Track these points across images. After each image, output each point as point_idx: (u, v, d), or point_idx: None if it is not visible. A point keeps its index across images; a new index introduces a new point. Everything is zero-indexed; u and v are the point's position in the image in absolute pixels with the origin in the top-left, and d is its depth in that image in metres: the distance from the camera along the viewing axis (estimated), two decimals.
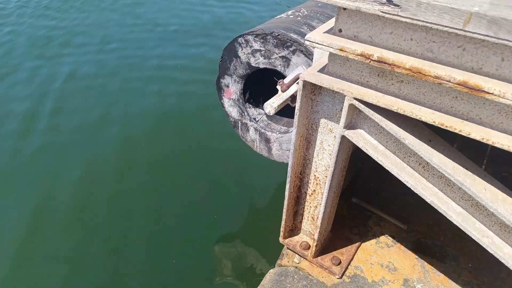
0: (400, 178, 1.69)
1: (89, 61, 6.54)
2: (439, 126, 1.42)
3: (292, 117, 1.93)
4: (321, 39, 1.52)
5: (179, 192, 4.24)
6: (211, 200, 4.17)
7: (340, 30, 1.52)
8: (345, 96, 1.63)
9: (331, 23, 1.63)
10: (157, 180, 4.38)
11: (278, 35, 2.39)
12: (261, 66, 2.60)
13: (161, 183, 4.35)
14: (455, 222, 1.60)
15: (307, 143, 2.04)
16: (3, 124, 5.05)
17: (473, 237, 1.57)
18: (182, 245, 3.72)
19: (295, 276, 2.34)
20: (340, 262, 2.35)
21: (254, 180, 4.44)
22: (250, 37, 2.52)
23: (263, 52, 2.53)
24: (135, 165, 4.57)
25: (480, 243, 1.56)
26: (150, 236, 3.78)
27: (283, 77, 2.49)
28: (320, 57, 1.93)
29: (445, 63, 1.35)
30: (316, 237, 2.26)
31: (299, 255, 2.44)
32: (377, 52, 1.42)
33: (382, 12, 1.32)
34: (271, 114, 2.30)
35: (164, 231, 3.85)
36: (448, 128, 1.40)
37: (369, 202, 2.80)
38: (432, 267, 2.38)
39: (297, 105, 1.80)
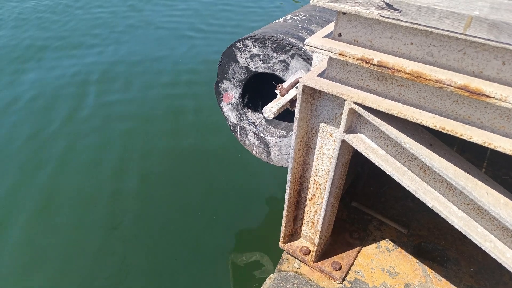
0: (401, 183, 1.67)
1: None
2: (440, 130, 1.41)
3: (291, 121, 1.92)
4: (320, 43, 1.51)
5: (177, 196, 4.22)
6: (210, 203, 4.15)
7: (340, 35, 1.51)
8: (345, 100, 1.62)
9: (330, 27, 1.62)
10: (156, 183, 4.37)
11: (276, 40, 2.39)
12: (260, 70, 2.59)
13: (160, 185, 4.33)
14: (456, 227, 1.58)
15: (306, 147, 2.03)
16: None
17: (475, 242, 1.56)
18: (180, 248, 3.69)
19: (295, 281, 2.32)
20: (340, 267, 2.34)
21: (253, 184, 4.42)
22: (248, 42, 2.52)
23: (261, 56, 2.52)
24: (135, 165, 4.59)
25: (482, 248, 1.55)
26: (148, 237, 3.77)
27: (282, 81, 2.48)
28: (319, 61, 1.92)
29: (445, 67, 1.35)
30: (316, 241, 2.25)
31: (299, 260, 2.42)
32: (377, 57, 1.41)
33: (382, 16, 1.32)
34: (270, 119, 2.29)
35: (163, 232, 3.83)
36: (449, 132, 1.40)
37: (369, 206, 2.78)
38: (433, 272, 2.37)
39: (297, 109, 1.79)
